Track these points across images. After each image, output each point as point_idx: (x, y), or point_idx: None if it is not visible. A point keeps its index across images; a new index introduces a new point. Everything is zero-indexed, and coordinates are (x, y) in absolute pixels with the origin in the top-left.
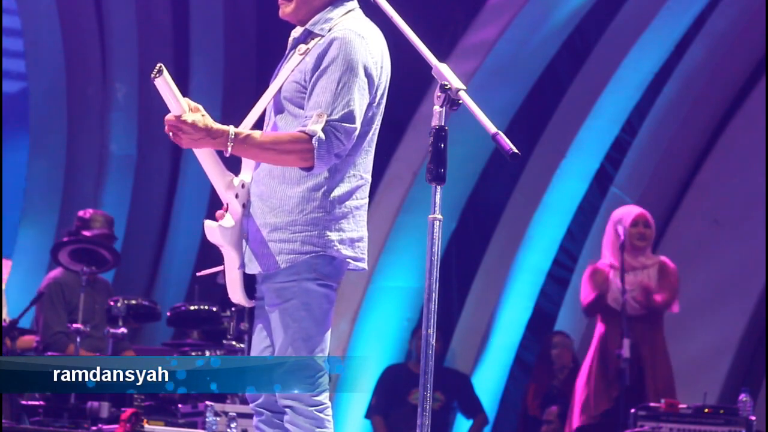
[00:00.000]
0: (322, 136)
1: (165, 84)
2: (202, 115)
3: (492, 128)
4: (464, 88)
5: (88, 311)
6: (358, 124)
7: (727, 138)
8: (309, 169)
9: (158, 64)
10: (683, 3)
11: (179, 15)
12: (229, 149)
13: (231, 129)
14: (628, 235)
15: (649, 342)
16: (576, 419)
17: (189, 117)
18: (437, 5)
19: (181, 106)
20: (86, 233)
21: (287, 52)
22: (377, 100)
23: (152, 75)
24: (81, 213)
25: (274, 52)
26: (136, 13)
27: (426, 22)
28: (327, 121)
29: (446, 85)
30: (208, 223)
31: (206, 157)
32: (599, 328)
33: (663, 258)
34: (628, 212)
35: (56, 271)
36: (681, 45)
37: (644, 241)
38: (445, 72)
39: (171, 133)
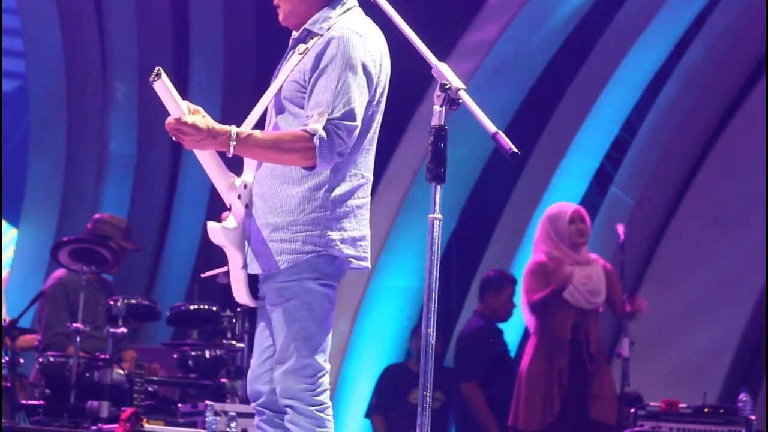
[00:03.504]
0: (324, 134)
1: (164, 87)
2: (203, 116)
3: (492, 128)
4: (464, 87)
5: (91, 312)
6: (359, 122)
7: (727, 138)
8: (311, 168)
9: (156, 68)
10: (683, 3)
11: (179, 15)
12: (232, 149)
13: (233, 129)
14: (568, 233)
15: (596, 335)
16: (536, 420)
17: (189, 118)
18: (437, 5)
19: (181, 109)
20: (127, 244)
21: (287, 51)
22: (377, 98)
23: (151, 78)
24: (114, 220)
25: (274, 51)
26: (136, 13)
27: (426, 21)
28: (328, 120)
29: (446, 85)
30: (211, 225)
31: (208, 159)
32: (540, 323)
33: (597, 257)
34: (565, 209)
35: (61, 272)
36: (681, 45)
37: (583, 237)
38: (445, 71)
39: (174, 137)
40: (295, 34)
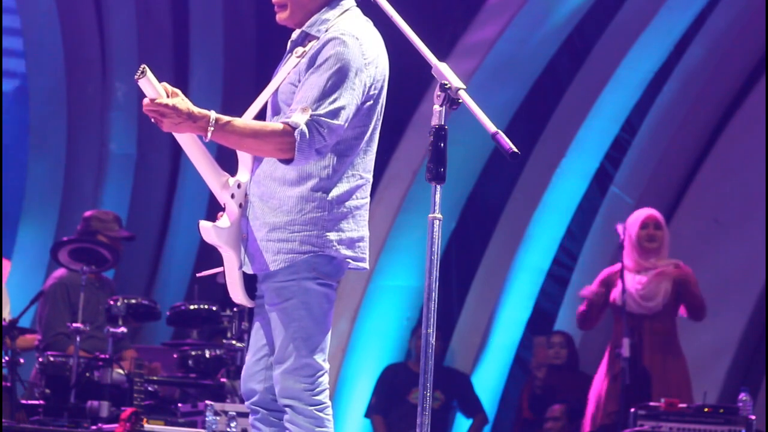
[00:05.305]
0: (305, 129)
1: (149, 84)
2: (182, 99)
3: (492, 127)
4: (464, 87)
5: (92, 311)
6: (343, 122)
7: (727, 138)
8: (288, 161)
9: (142, 66)
10: (683, 2)
11: (179, 15)
12: (209, 134)
13: (212, 114)
14: (638, 237)
15: (662, 342)
16: (589, 421)
17: (170, 100)
18: (437, 4)
19: (158, 92)
20: (118, 233)
21: (285, 54)
22: (373, 99)
23: (136, 77)
24: (100, 213)
25: (274, 52)
26: (136, 13)
27: (426, 21)
28: (311, 115)
29: (446, 85)
30: (203, 224)
31: (200, 158)
32: (614, 328)
33: (678, 262)
34: (637, 215)
35: (61, 271)
36: (681, 44)
37: (654, 242)
38: (445, 71)
39: (152, 118)
40: (293, 36)
